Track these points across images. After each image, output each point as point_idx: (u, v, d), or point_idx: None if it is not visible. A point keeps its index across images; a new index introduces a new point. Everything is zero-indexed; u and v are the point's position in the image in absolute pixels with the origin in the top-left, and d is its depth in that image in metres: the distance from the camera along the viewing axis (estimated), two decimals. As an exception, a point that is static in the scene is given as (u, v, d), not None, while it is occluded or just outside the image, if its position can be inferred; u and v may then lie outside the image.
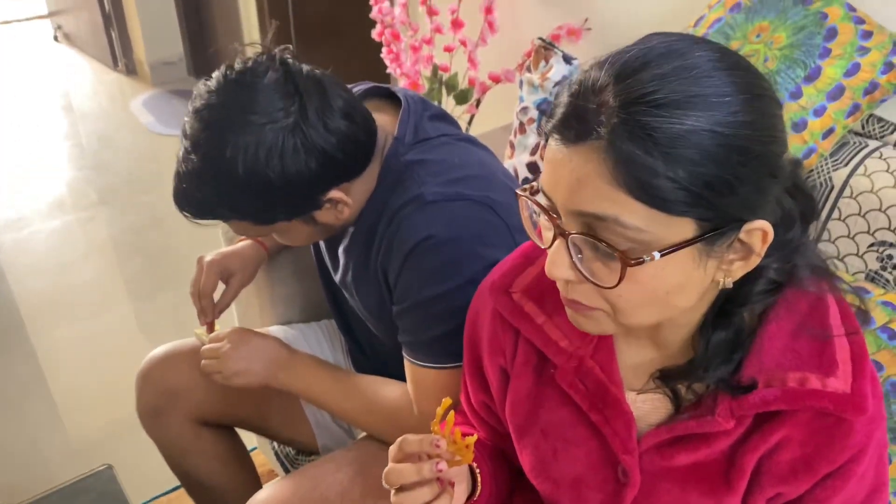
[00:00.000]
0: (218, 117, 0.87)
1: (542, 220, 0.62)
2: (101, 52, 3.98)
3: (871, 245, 1.15)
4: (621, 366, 0.72)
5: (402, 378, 1.03)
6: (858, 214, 1.16)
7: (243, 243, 1.25)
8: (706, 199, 0.54)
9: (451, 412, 0.67)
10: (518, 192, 0.64)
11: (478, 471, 0.78)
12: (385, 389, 1.05)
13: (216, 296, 1.20)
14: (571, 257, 0.59)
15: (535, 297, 0.74)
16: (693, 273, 0.58)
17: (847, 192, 1.18)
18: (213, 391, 1.17)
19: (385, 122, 1.00)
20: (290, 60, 0.89)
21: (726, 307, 0.64)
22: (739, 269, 0.60)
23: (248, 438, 1.31)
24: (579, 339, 0.72)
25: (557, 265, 0.60)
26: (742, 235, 0.57)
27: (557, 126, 0.57)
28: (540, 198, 0.61)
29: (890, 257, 1.14)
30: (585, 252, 0.58)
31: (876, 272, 1.15)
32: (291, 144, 0.86)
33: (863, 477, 0.66)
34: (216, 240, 1.41)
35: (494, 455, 0.86)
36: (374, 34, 1.87)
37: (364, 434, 1.12)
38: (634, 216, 0.54)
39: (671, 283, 0.58)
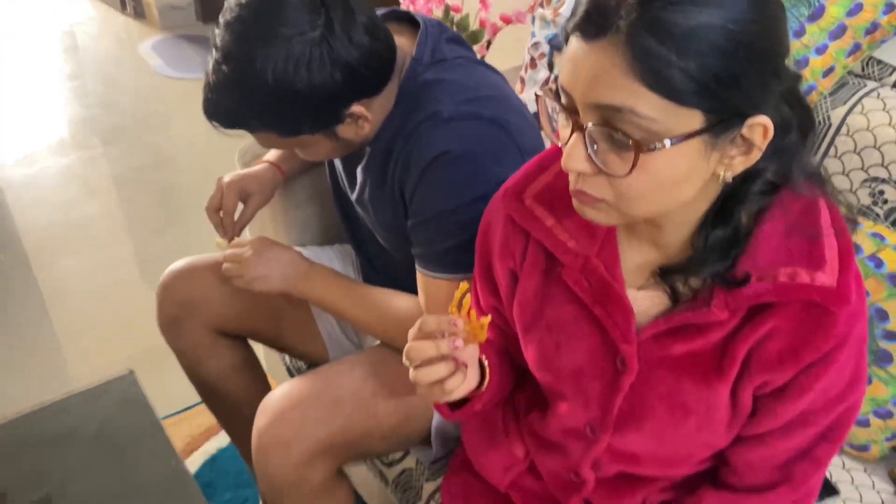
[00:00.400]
0: (248, 30, 0.91)
1: (560, 118, 0.67)
2: (109, -5, 3.99)
3: (864, 181, 1.20)
4: (623, 265, 0.77)
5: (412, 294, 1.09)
6: (853, 151, 1.21)
7: (260, 166, 1.30)
8: (714, 91, 0.58)
9: (468, 296, 0.73)
10: (537, 92, 0.68)
11: (486, 362, 0.84)
12: (397, 300, 1.10)
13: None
14: (587, 150, 0.63)
15: (545, 203, 0.79)
16: (697, 164, 0.62)
17: (844, 130, 1.22)
18: (230, 302, 1.23)
19: (404, 43, 1.04)
20: None
21: (726, 205, 0.69)
22: (740, 164, 0.64)
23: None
24: (586, 240, 0.77)
25: (574, 158, 0.64)
26: (744, 131, 0.62)
27: (579, 24, 0.61)
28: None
29: (881, 192, 1.19)
30: (600, 144, 0.63)
31: (868, 207, 1.20)
32: (318, 56, 0.90)
33: (843, 366, 0.71)
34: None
35: (501, 353, 0.92)
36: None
37: (375, 343, 1.18)
38: (648, 106, 0.59)
39: (677, 173, 0.62)
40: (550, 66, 1.47)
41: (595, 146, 0.63)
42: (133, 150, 2.89)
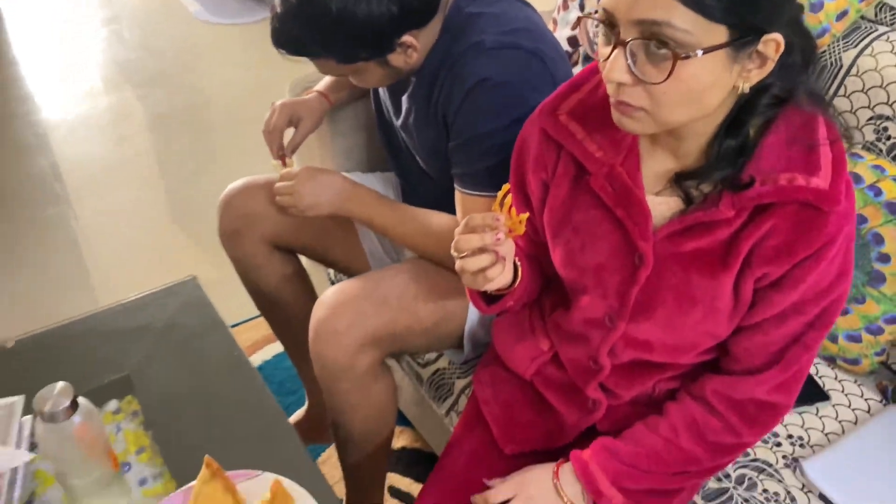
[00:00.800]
0: None
1: (600, 37, 0.77)
2: (147, -59, 4.06)
3: (870, 118, 1.30)
4: (644, 173, 0.88)
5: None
6: (861, 91, 1.30)
7: (310, 95, 1.42)
8: (738, 9, 0.69)
9: (509, 195, 0.84)
10: (581, 15, 0.79)
11: (518, 263, 0.97)
12: (437, 217, 1.22)
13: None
14: (627, 61, 0.72)
15: (577, 118, 0.90)
16: (722, 74, 0.73)
17: (854, 70, 1.31)
18: (284, 218, 1.36)
19: None
20: None
21: (738, 118, 0.79)
22: (756, 76, 0.74)
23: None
24: (612, 151, 0.88)
25: (615, 70, 0.73)
26: (760, 46, 0.72)
27: None
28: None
29: (885, 129, 1.28)
30: (639, 57, 0.72)
31: (872, 143, 1.30)
32: None
33: (832, 261, 0.82)
34: (260, 120, 1.54)
35: (531, 258, 1.04)
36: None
37: (414, 257, 1.31)
38: (682, 20, 0.69)
39: (705, 81, 0.72)
40: (581, 7, 1.56)
41: (634, 59, 0.72)
42: (173, 91, 3.01)
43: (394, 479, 1.61)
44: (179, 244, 2.26)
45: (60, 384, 0.92)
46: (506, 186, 0.86)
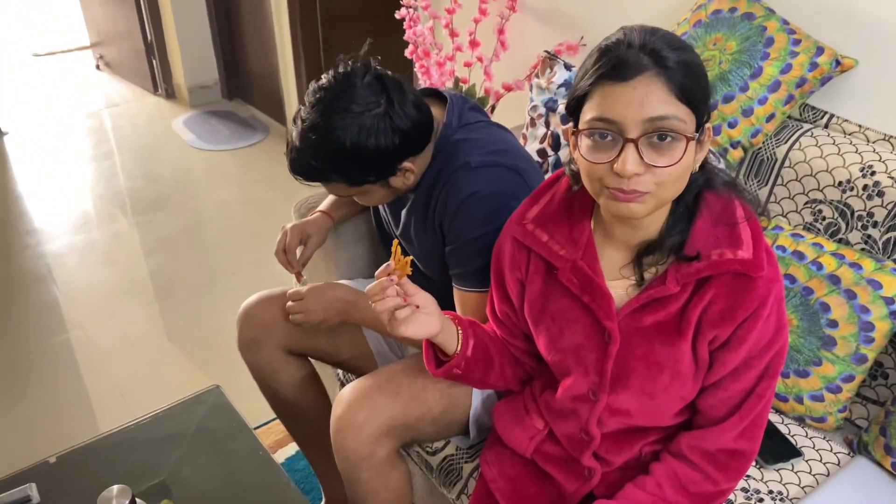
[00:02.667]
0: (330, 107, 1.20)
1: (590, 145, 0.89)
2: (142, 79, 4.37)
3: (806, 203, 1.49)
4: (602, 264, 1.03)
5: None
6: (796, 180, 1.50)
7: (315, 215, 1.60)
8: (703, 102, 0.88)
9: (397, 245, 1.02)
10: (576, 129, 0.93)
11: (460, 333, 1.11)
12: (435, 314, 1.38)
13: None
14: (639, 155, 0.86)
15: (540, 224, 1.07)
16: (692, 157, 0.89)
17: (787, 163, 1.52)
18: (297, 327, 1.50)
19: (437, 113, 1.34)
20: (378, 67, 1.24)
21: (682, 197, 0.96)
22: (700, 158, 0.92)
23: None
24: (572, 248, 1.03)
25: (630, 162, 0.85)
26: (704, 134, 0.91)
27: (609, 73, 0.86)
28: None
29: (820, 211, 1.47)
30: (645, 149, 0.86)
31: (810, 223, 1.49)
32: (383, 126, 1.20)
33: (768, 319, 0.96)
34: (256, 238, 1.69)
35: (495, 340, 1.18)
36: (407, 53, 2.23)
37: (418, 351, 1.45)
38: (681, 112, 0.86)
39: (688, 163, 0.89)
40: (547, 124, 1.77)
41: (642, 152, 0.86)
42: (174, 214, 3.20)
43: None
44: (192, 353, 2.37)
45: (117, 486, 1.04)
46: (395, 241, 1.04)
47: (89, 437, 1.40)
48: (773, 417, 1.45)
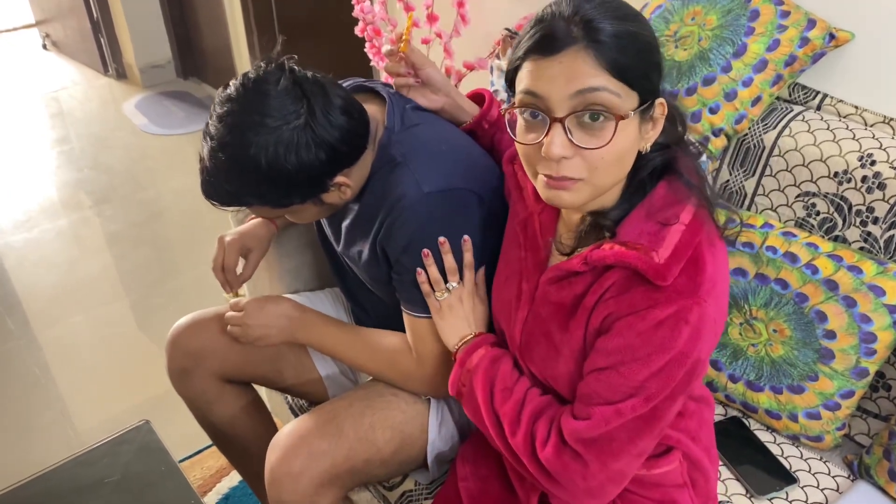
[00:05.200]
0: (240, 121, 1.01)
1: (525, 125, 0.82)
2: (91, 58, 4.12)
3: (798, 196, 1.34)
4: (561, 226, 0.97)
5: (399, 331, 1.20)
6: (786, 170, 1.35)
7: (255, 222, 1.41)
8: (645, 76, 0.80)
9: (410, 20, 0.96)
10: (505, 108, 0.86)
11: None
12: (386, 338, 1.21)
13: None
14: (567, 136, 0.79)
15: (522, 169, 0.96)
16: (636, 137, 0.82)
17: (776, 151, 1.36)
18: (233, 351, 1.34)
19: (374, 111, 1.15)
20: (296, 68, 1.04)
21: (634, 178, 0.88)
22: (651, 136, 0.85)
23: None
24: (536, 202, 0.99)
25: (556, 145, 0.79)
26: (654, 111, 0.83)
27: (534, 48, 0.79)
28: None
29: (813, 205, 1.32)
30: (575, 130, 0.79)
31: (803, 219, 1.34)
32: (304, 140, 1.01)
33: (658, 328, 0.82)
34: (216, 229, 1.56)
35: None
36: (357, 31, 2.03)
37: (369, 379, 1.29)
38: (613, 85, 0.78)
39: (629, 143, 0.81)
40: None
41: (570, 133, 0.79)
42: (126, 207, 3.01)
43: None
44: (150, 357, 2.22)
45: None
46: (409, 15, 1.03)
47: (6, 486, 1.25)
48: (765, 437, 1.31)
